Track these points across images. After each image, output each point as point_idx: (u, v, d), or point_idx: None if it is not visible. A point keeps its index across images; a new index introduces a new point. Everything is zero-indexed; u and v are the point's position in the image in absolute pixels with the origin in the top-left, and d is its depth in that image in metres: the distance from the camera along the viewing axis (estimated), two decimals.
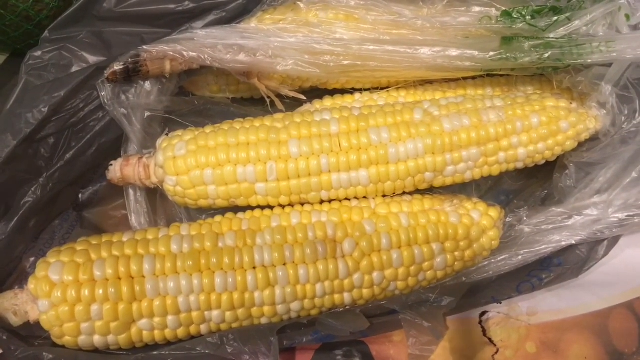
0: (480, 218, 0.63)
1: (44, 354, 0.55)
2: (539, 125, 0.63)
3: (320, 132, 0.60)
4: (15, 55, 0.77)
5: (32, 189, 0.64)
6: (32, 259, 0.67)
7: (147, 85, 0.66)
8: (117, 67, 0.61)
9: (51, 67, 0.62)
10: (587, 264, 0.69)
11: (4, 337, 0.55)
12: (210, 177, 0.59)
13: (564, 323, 0.70)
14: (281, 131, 0.60)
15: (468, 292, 0.64)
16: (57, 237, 0.69)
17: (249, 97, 0.81)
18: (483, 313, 0.70)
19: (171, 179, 0.60)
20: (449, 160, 0.62)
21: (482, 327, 0.70)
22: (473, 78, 0.78)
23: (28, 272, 0.66)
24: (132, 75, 0.62)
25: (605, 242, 0.69)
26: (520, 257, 0.66)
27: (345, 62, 0.64)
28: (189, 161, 0.59)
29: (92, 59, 0.63)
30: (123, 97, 0.65)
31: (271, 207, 0.63)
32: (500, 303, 0.70)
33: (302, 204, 0.63)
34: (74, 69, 0.63)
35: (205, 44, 0.62)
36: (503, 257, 0.66)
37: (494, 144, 0.62)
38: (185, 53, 0.62)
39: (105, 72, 0.62)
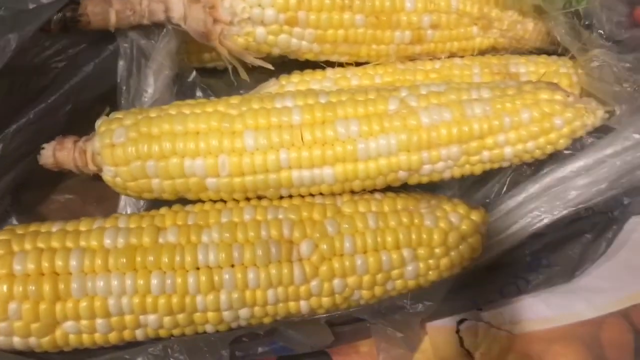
0: (460, 222, 0.56)
1: None
2: (530, 121, 0.56)
3: (281, 123, 0.53)
4: None
5: None
6: None
7: None
8: (54, 16, 0.54)
9: (2, 10, 0.54)
10: (579, 267, 0.63)
11: None
12: (153, 169, 0.52)
13: (551, 333, 0.63)
14: (236, 119, 0.53)
15: (446, 295, 0.57)
16: None
17: (212, 68, 0.74)
18: (461, 321, 0.63)
19: (109, 169, 0.53)
20: (425, 158, 0.55)
21: (460, 337, 0.62)
22: (461, 57, 0.71)
23: None
24: (69, 25, 0.55)
25: (600, 243, 0.63)
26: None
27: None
28: (129, 150, 0.52)
29: None
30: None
31: (224, 201, 0.57)
32: (481, 309, 0.63)
33: (259, 198, 0.57)
34: (30, 5, 0.55)
35: None
36: None
37: (478, 141, 0.55)
38: (137, 4, 0.55)
39: None
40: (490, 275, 0.60)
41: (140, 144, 0.52)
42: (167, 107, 0.55)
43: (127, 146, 0.52)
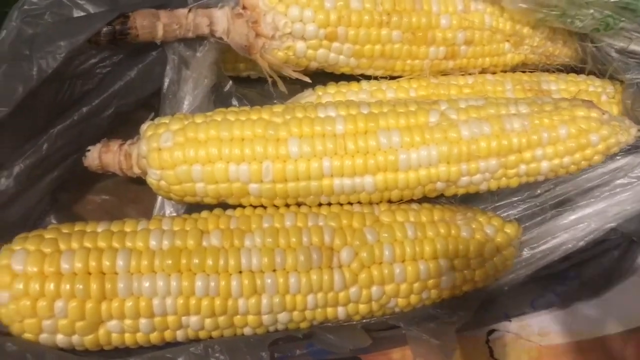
0: (495, 234, 0.57)
1: (8, 344, 0.49)
2: (567, 137, 0.57)
3: (324, 131, 0.54)
4: None
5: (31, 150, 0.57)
6: None
7: None
8: (104, 29, 0.55)
9: (48, 16, 0.55)
10: (607, 282, 0.64)
11: None
12: (199, 173, 0.53)
13: (578, 345, 0.64)
14: (280, 127, 0.54)
15: (479, 307, 0.58)
16: (30, 219, 0.63)
17: (246, 77, 0.75)
18: (491, 332, 0.64)
19: (155, 172, 0.54)
20: (464, 170, 0.56)
21: (490, 347, 0.63)
22: (493, 73, 0.72)
23: None
24: (118, 38, 0.56)
25: (628, 260, 0.65)
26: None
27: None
28: (176, 155, 0.53)
29: (93, 8, 0.56)
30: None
31: (264, 206, 0.57)
32: (510, 321, 0.64)
33: (298, 205, 0.58)
34: (75, 14, 0.56)
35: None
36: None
37: (516, 155, 0.56)
38: (183, 18, 0.56)
39: None
40: (522, 288, 0.61)
41: (187, 149, 0.53)
42: (212, 114, 0.56)
43: (174, 150, 0.53)
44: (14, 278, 0.48)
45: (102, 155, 0.56)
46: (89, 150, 0.57)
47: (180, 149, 0.53)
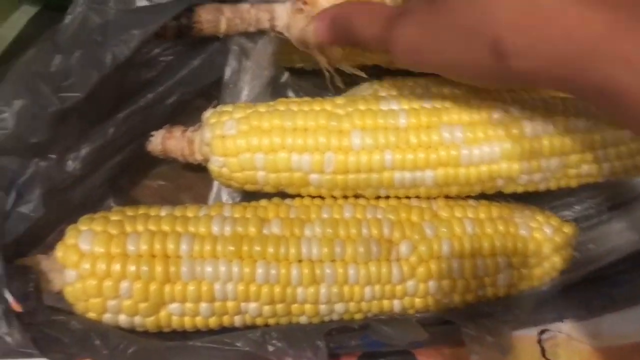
0: (553, 234, 0.57)
1: (72, 322, 0.50)
2: (631, 139, 0.56)
3: (387, 124, 0.54)
4: (48, 8, 0.72)
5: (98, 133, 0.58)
6: None
7: None
8: (170, 22, 0.56)
9: (113, 3, 0.56)
10: None
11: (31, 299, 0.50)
12: (261, 162, 0.54)
13: (631, 348, 0.63)
14: (343, 119, 0.54)
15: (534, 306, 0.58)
16: (90, 202, 0.64)
17: (299, 68, 0.75)
18: (543, 331, 0.63)
19: (218, 159, 0.54)
20: (525, 168, 0.55)
21: (542, 347, 0.63)
22: None
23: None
24: (183, 32, 0.57)
25: None
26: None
27: None
28: (239, 142, 0.53)
29: None
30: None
31: (322, 197, 0.58)
32: (563, 321, 0.63)
33: (356, 197, 0.58)
34: (138, 3, 0.56)
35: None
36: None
37: (579, 155, 0.56)
38: (245, 12, 0.56)
39: None
40: (577, 290, 0.60)
41: (250, 137, 0.53)
42: (275, 104, 0.56)
43: (237, 138, 0.53)
44: (82, 257, 0.49)
45: (165, 141, 0.57)
46: (152, 136, 0.57)
47: (243, 137, 0.53)
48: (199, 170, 0.60)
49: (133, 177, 0.66)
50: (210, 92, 0.65)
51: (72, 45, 0.54)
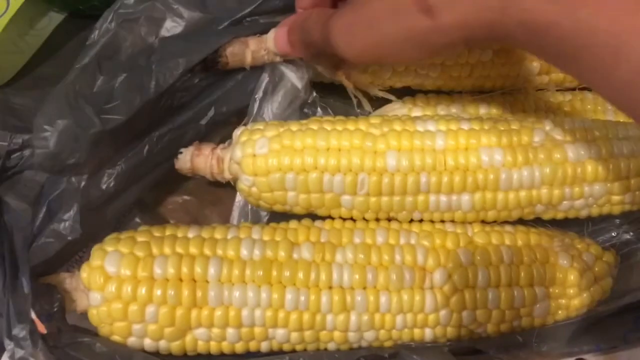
0: (593, 263, 0.54)
1: (97, 344, 0.49)
2: None
3: (424, 146, 0.52)
4: (74, 16, 0.71)
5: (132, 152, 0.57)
6: None
7: None
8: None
9: (143, 20, 0.55)
10: None
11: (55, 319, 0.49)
12: (292, 182, 0.52)
13: None
14: (378, 139, 0.52)
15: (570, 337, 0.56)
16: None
17: (328, 82, 0.74)
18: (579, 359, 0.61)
19: (247, 178, 0.53)
20: (567, 194, 0.53)
21: None
22: (589, 90, 0.68)
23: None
24: (210, 66, 0.56)
25: None
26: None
27: None
28: (271, 162, 0.52)
29: (187, 13, 0.56)
30: None
31: (353, 219, 0.56)
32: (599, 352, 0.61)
33: (389, 220, 0.56)
34: (167, 23, 0.56)
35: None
36: None
37: (624, 182, 0.53)
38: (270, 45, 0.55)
39: None
40: (615, 320, 0.58)
41: (282, 156, 0.52)
42: (307, 122, 0.55)
43: (269, 157, 0.52)
44: (107, 280, 0.48)
45: (194, 159, 0.55)
46: (181, 153, 0.56)
47: (275, 156, 0.52)
48: (225, 185, 0.59)
49: (158, 191, 0.65)
50: (244, 113, 0.63)
51: (116, 67, 0.53)
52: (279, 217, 0.57)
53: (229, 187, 0.59)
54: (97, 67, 0.51)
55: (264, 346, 0.52)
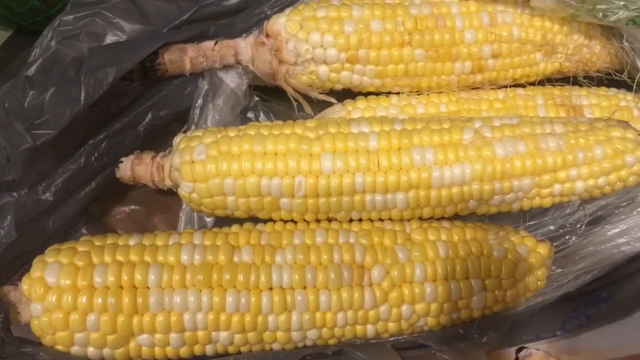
0: (527, 255, 0.56)
1: (41, 354, 0.49)
2: (603, 157, 0.56)
3: (358, 147, 0.53)
4: (20, 32, 0.71)
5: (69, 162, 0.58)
6: None
7: None
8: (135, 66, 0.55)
9: (84, 36, 0.56)
10: (638, 302, 0.62)
11: None
12: (230, 187, 0.53)
13: None
14: (314, 142, 0.54)
15: (509, 328, 0.58)
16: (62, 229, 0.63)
17: (272, 86, 0.75)
18: (520, 349, 0.63)
19: (187, 185, 0.54)
20: (497, 189, 0.55)
21: None
22: (523, 86, 0.71)
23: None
24: (149, 74, 0.57)
25: None
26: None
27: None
28: (209, 168, 0.53)
29: (127, 26, 0.57)
30: None
31: (294, 221, 0.57)
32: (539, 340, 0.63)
33: (329, 220, 0.57)
34: (108, 38, 0.57)
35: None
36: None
37: (551, 175, 0.55)
38: (209, 50, 0.56)
39: None
40: (553, 309, 0.60)
41: (220, 162, 0.53)
42: (245, 128, 0.56)
43: (207, 163, 0.53)
44: (47, 291, 0.49)
45: (134, 167, 0.56)
46: (122, 162, 0.57)
47: (213, 163, 0.53)
48: (173, 193, 0.60)
49: (105, 202, 0.65)
50: (184, 117, 0.64)
51: (45, 81, 0.53)
52: (225, 222, 0.58)
53: (177, 194, 0.59)
54: (27, 82, 0.52)
55: (209, 349, 0.53)
